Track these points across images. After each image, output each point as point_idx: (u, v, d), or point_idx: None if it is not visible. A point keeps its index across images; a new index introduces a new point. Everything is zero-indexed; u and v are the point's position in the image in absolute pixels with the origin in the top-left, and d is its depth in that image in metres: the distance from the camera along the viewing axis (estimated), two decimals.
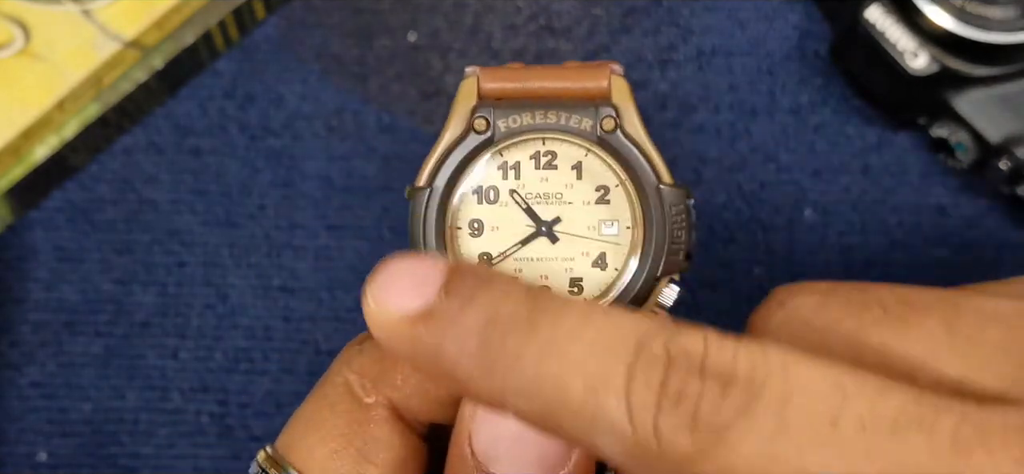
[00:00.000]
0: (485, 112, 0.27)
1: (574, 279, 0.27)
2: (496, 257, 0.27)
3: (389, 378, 0.28)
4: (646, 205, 0.27)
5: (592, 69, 0.27)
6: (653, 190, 0.27)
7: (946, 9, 0.42)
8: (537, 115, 0.27)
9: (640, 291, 0.27)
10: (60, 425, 0.43)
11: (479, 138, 0.27)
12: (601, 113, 0.26)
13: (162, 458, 0.42)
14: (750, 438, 0.20)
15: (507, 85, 0.27)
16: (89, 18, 0.45)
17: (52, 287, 0.44)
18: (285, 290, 0.44)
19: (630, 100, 0.27)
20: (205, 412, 0.43)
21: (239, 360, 0.43)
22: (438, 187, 0.27)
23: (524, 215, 0.27)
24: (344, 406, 0.28)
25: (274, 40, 0.48)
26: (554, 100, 0.27)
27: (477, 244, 0.27)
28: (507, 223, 0.27)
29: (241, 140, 0.46)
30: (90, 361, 0.43)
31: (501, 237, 0.27)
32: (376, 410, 0.28)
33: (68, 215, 0.45)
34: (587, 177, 0.27)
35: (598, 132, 0.27)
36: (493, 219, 0.27)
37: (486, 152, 0.27)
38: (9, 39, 0.45)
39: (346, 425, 0.28)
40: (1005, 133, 0.42)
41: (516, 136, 0.27)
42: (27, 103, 0.44)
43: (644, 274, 0.27)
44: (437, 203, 0.27)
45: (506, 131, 0.27)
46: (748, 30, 0.48)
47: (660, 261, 0.26)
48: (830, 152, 0.46)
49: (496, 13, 0.48)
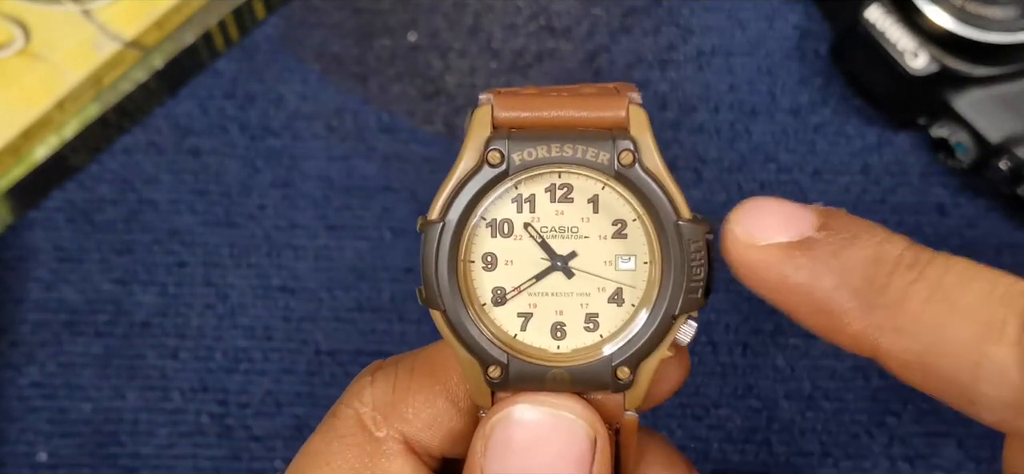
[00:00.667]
0: (499, 144, 0.26)
1: (590, 315, 0.26)
2: (510, 292, 0.27)
3: (401, 411, 0.27)
4: (664, 241, 0.26)
5: (610, 98, 0.26)
6: (672, 226, 0.26)
7: (946, 9, 0.42)
8: (553, 148, 0.26)
9: (658, 329, 0.26)
10: (60, 425, 0.43)
11: (493, 171, 0.26)
12: (619, 146, 0.25)
13: (162, 458, 0.42)
14: None
15: (522, 114, 0.26)
16: (89, 18, 0.45)
17: (52, 287, 0.44)
18: (285, 290, 0.44)
19: (648, 131, 0.26)
20: (205, 412, 0.43)
21: (239, 360, 0.43)
22: (451, 221, 0.26)
23: (539, 249, 0.26)
24: (354, 439, 0.28)
25: (274, 40, 0.48)
26: (570, 130, 0.26)
27: (490, 278, 0.27)
28: (521, 257, 0.27)
29: (241, 140, 0.46)
30: (90, 361, 0.43)
31: (515, 271, 0.27)
32: (388, 444, 0.27)
33: (68, 215, 0.45)
34: (604, 211, 0.26)
35: (616, 166, 0.26)
36: (507, 253, 0.27)
37: (501, 185, 0.26)
38: (9, 39, 0.45)
39: (356, 459, 0.27)
40: (1005, 133, 0.42)
41: (531, 169, 0.26)
42: (27, 103, 0.44)
43: (662, 312, 0.26)
44: (450, 236, 0.26)
45: (521, 164, 0.26)
46: (748, 30, 0.48)
47: (678, 299, 0.26)
48: (830, 152, 0.46)
49: (496, 13, 0.48)
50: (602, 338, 0.26)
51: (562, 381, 0.26)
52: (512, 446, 0.25)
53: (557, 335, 0.27)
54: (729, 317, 0.43)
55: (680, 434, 0.42)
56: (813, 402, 0.42)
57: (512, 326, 0.27)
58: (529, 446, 0.25)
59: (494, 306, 0.27)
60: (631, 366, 0.26)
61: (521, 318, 0.27)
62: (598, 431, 0.26)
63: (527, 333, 0.27)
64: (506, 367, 0.26)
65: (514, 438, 0.25)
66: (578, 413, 0.25)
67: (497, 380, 0.26)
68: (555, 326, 0.27)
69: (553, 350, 0.26)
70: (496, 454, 0.25)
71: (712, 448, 0.42)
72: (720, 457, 0.42)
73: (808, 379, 0.43)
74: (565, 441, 0.25)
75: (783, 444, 0.42)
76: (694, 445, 0.42)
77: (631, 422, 0.27)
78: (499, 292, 0.27)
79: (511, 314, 0.27)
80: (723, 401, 0.43)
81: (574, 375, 0.26)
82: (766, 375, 0.43)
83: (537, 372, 0.26)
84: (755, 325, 0.43)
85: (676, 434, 0.42)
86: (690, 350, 0.43)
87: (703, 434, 0.42)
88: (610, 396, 0.26)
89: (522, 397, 0.26)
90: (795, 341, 0.43)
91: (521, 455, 0.25)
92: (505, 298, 0.27)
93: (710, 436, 0.42)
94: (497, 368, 0.26)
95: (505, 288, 0.27)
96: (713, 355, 0.43)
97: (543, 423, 0.25)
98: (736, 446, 0.42)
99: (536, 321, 0.27)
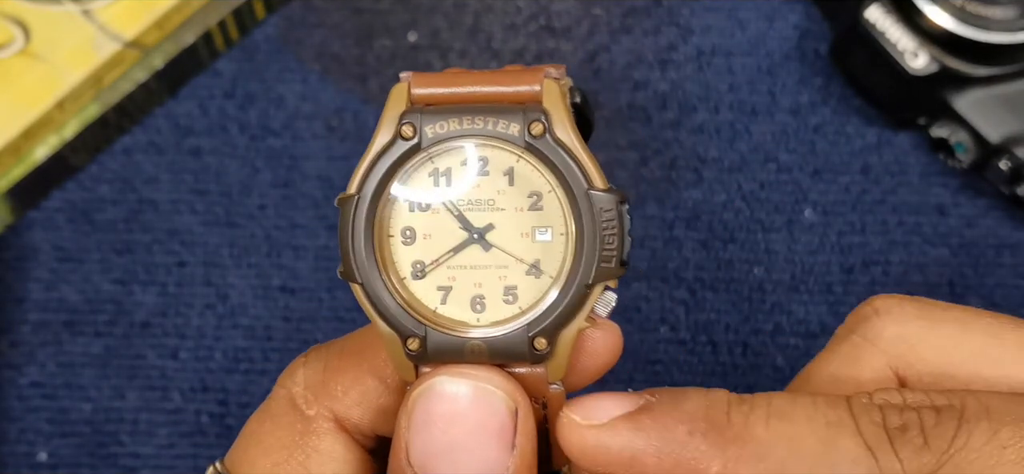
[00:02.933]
0: (412, 118, 0.26)
1: (509, 287, 0.26)
2: (429, 264, 0.27)
3: (330, 389, 0.28)
4: (577, 211, 0.26)
5: (526, 73, 0.27)
6: (583, 195, 0.26)
7: (946, 9, 0.42)
8: (465, 121, 0.26)
9: (573, 299, 0.26)
10: (60, 425, 0.43)
11: (406, 145, 0.26)
12: (529, 117, 0.26)
13: (162, 458, 0.42)
14: (975, 440, 0.24)
15: (437, 90, 0.26)
16: (89, 18, 0.45)
17: (52, 287, 0.44)
18: (285, 290, 0.44)
19: (561, 104, 0.26)
20: (205, 412, 0.43)
21: (239, 360, 0.43)
22: (366, 194, 0.26)
23: (456, 222, 0.27)
24: (286, 419, 0.28)
25: (274, 40, 0.48)
26: (484, 105, 0.26)
27: (409, 252, 0.27)
28: (439, 230, 0.27)
29: (241, 140, 0.46)
30: (90, 361, 0.43)
31: (433, 245, 0.27)
32: (318, 422, 0.28)
33: (68, 215, 0.45)
34: (519, 183, 0.26)
35: (526, 137, 0.26)
36: (425, 227, 0.27)
37: (414, 158, 0.26)
38: (9, 39, 0.45)
39: (288, 437, 0.28)
40: (1005, 133, 0.42)
41: (444, 142, 0.26)
42: (27, 103, 0.44)
43: (576, 282, 0.26)
44: (365, 210, 0.26)
45: (433, 137, 0.26)
46: (748, 30, 0.48)
47: (591, 268, 0.26)
48: (830, 152, 0.46)
49: (496, 13, 0.48)
50: (520, 310, 0.26)
51: (480, 352, 0.26)
52: (433, 419, 0.25)
53: (477, 308, 0.27)
54: (729, 317, 0.43)
55: None
56: None
57: (432, 300, 0.27)
58: (450, 418, 0.25)
59: (414, 280, 0.27)
60: (548, 336, 0.26)
61: (441, 291, 0.27)
62: (519, 402, 0.26)
63: (447, 306, 0.27)
64: (424, 339, 0.26)
65: (434, 411, 0.25)
66: (498, 384, 0.26)
67: (416, 353, 0.26)
68: (475, 299, 0.27)
69: (473, 322, 0.26)
70: (418, 428, 0.25)
71: None
72: None
73: None
74: (485, 412, 0.25)
75: None
76: None
77: (557, 395, 0.27)
78: (418, 266, 0.27)
79: (431, 288, 0.27)
80: None
81: (492, 346, 0.26)
82: (766, 375, 0.43)
83: (455, 344, 0.26)
84: (755, 325, 0.43)
85: None
86: (690, 350, 0.43)
87: None
88: (533, 370, 0.26)
89: (443, 370, 0.26)
90: (795, 341, 0.43)
91: (442, 428, 0.25)
92: (425, 272, 0.27)
93: None
94: (416, 340, 0.26)
95: (424, 262, 0.27)
96: (713, 355, 0.43)
97: (462, 395, 0.25)
98: None
99: (456, 294, 0.27)
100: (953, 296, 0.43)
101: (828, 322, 0.43)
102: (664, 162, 0.46)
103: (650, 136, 0.46)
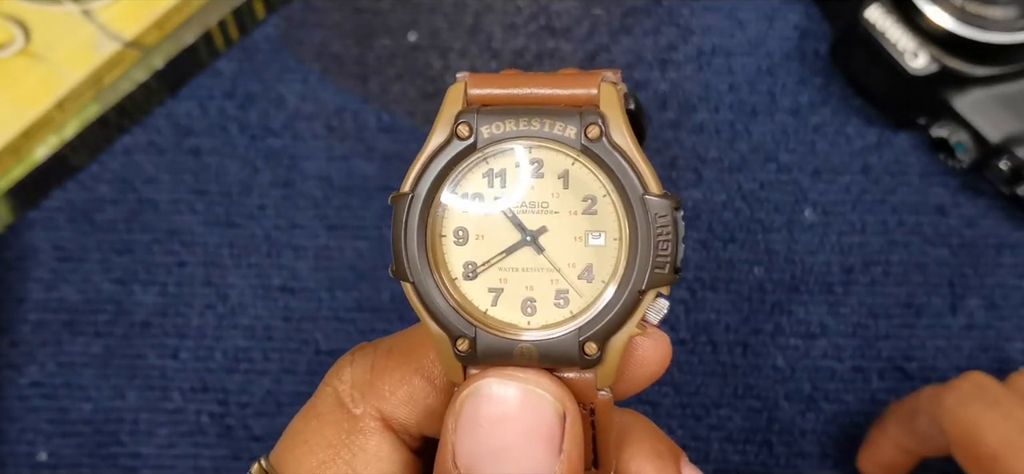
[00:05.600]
0: (468, 118, 0.26)
1: (560, 291, 0.26)
2: (481, 266, 0.26)
3: (378, 389, 0.28)
4: (631, 216, 0.26)
5: (583, 76, 0.26)
6: (638, 200, 0.25)
7: (946, 9, 0.42)
8: (521, 122, 0.26)
9: (625, 304, 0.26)
10: (60, 425, 0.43)
11: (462, 144, 0.26)
12: (586, 120, 0.25)
13: (162, 458, 0.42)
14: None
15: (494, 91, 0.26)
16: (89, 18, 0.45)
17: (52, 287, 0.44)
18: (285, 290, 0.44)
19: (618, 107, 0.26)
20: (205, 412, 0.43)
21: (239, 360, 0.43)
22: (420, 193, 0.26)
23: (509, 224, 0.26)
24: (333, 417, 0.28)
25: (274, 40, 0.48)
26: (541, 107, 0.26)
27: (461, 252, 0.26)
28: (492, 232, 0.26)
29: (241, 140, 0.46)
30: (90, 361, 0.43)
31: (486, 246, 0.26)
32: (365, 421, 0.28)
33: (68, 215, 0.45)
34: (574, 186, 0.26)
35: (582, 140, 0.25)
36: (478, 228, 0.27)
37: (469, 158, 0.26)
38: (9, 39, 0.45)
39: (334, 435, 0.28)
40: (1005, 133, 0.42)
41: (499, 142, 0.26)
42: (27, 103, 0.44)
43: (628, 288, 0.26)
44: (419, 210, 0.26)
45: (489, 137, 0.26)
46: (748, 30, 0.48)
47: (645, 274, 0.25)
48: (830, 152, 0.46)
49: (496, 13, 0.48)
50: (572, 314, 0.26)
51: (530, 356, 0.26)
52: (480, 421, 0.25)
53: (528, 310, 0.26)
54: (729, 317, 0.43)
55: (680, 434, 0.42)
56: (813, 403, 0.42)
57: (483, 301, 0.27)
58: (497, 421, 0.25)
59: (465, 280, 0.27)
60: (598, 342, 0.26)
61: (492, 293, 0.27)
62: (568, 407, 0.25)
63: (498, 308, 0.26)
64: (474, 341, 0.26)
65: (482, 413, 0.25)
66: (547, 388, 0.25)
67: (465, 354, 0.26)
68: (525, 301, 0.26)
69: (523, 325, 0.26)
70: (465, 430, 0.25)
71: (712, 448, 0.42)
72: (720, 457, 0.42)
73: (808, 379, 0.43)
74: (534, 416, 0.25)
75: (783, 444, 0.42)
76: (694, 445, 0.42)
77: (605, 402, 0.27)
78: (470, 266, 0.27)
79: (482, 289, 0.27)
80: (723, 401, 0.43)
81: (541, 350, 0.26)
82: (766, 375, 0.43)
83: (505, 346, 0.26)
84: (755, 325, 0.43)
85: (676, 434, 0.42)
86: (690, 350, 0.43)
87: (703, 434, 0.42)
88: (582, 375, 0.26)
89: (491, 372, 0.26)
90: (795, 341, 0.43)
91: (489, 430, 0.25)
92: (476, 273, 0.27)
93: (710, 436, 0.42)
94: (465, 341, 0.26)
95: (476, 263, 0.27)
96: (713, 355, 0.43)
97: (511, 398, 0.25)
98: (736, 446, 0.42)
99: (507, 296, 0.27)
100: (953, 296, 0.44)
101: (828, 322, 0.43)
102: (664, 162, 0.46)
103: (650, 136, 0.46)
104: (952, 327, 0.43)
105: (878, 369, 0.43)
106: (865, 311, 0.43)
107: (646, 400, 0.42)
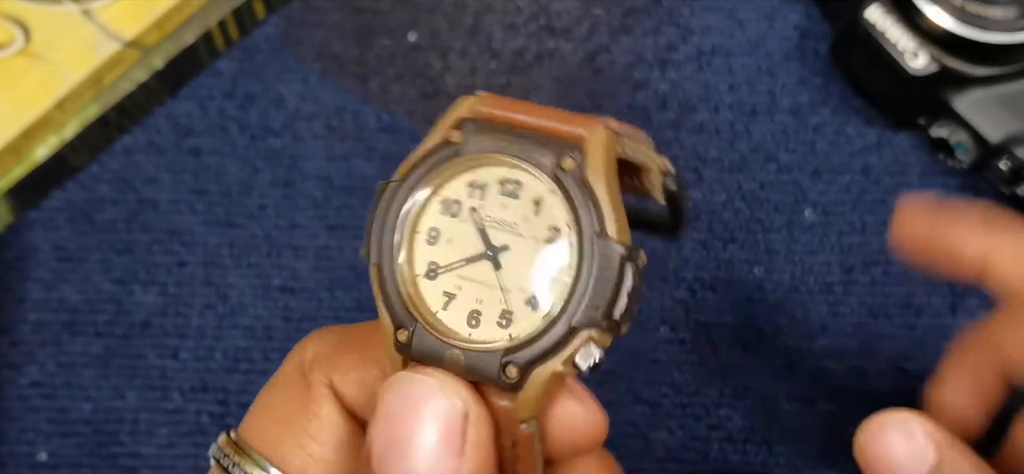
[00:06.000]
0: (465, 126, 0.27)
1: (505, 312, 0.27)
2: (442, 268, 0.27)
3: (334, 361, 0.29)
4: (582, 253, 0.26)
5: (582, 116, 0.27)
6: (590, 239, 0.26)
7: (946, 9, 0.42)
8: (506, 140, 0.27)
9: (553, 337, 0.26)
10: (60, 425, 0.43)
11: (450, 149, 0.27)
12: (564, 151, 0.26)
13: (162, 458, 0.42)
14: None
15: (495, 110, 0.27)
16: (89, 18, 0.45)
17: (52, 287, 0.44)
18: (285, 290, 0.44)
19: (603, 151, 0.26)
20: (205, 412, 0.43)
21: (239, 360, 0.43)
22: (405, 186, 0.27)
23: (478, 236, 0.27)
24: (294, 389, 0.29)
25: (274, 40, 0.48)
26: (530, 131, 0.27)
27: (430, 251, 0.27)
28: (461, 239, 0.27)
29: (241, 140, 0.46)
30: (90, 361, 0.43)
31: (452, 250, 0.27)
32: (318, 388, 0.29)
33: (68, 215, 0.45)
34: (544, 214, 0.27)
35: (554, 170, 0.26)
36: (449, 232, 0.27)
37: (455, 163, 0.27)
38: (9, 39, 0.45)
39: (292, 403, 0.29)
40: (1005, 133, 0.42)
41: (480, 152, 0.27)
42: (27, 103, 0.44)
43: (561, 322, 0.26)
44: (402, 200, 0.27)
45: (475, 147, 0.27)
46: (748, 30, 0.48)
47: (577, 312, 0.26)
48: (830, 152, 0.46)
49: (496, 13, 0.48)
50: (509, 338, 0.26)
51: (457, 364, 0.26)
52: (391, 412, 0.26)
53: (472, 323, 0.27)
54: (729, 317, 0.43)
55: (680, 434, 0.42)
56: (813, 403, 0.42)
57: (436, 302, 0.27)
58: (404, 412, 0.26)
59: (425, 278, 0.27)
60: (520, 368, 0.26)
61: (446, 297, 0.27)
62: (471, 409, 0.26)
63: (447, 313, 0.27)
64: (412, 335, 0.26)
65: (393, 404, 0.26)
66: (454, 389, 0.26)
67: (403, 345, 0.27)
68: (472, 313, 0.27)
69: (463, 335, 0.27)
70: (379, 419, 0.26)
71: (712, 448, 0.42)
72: (720, 457, 0.42)
73: (808, 379, 0.43)
74: (437, 411, 0.26)
75: (783, 444, 0.42)
76: (694, 445, 0.42)
77: (527, 437, 0.27)
78: (433, 266, 0.27)
79: (437, 291, 0.27)
80: (723, 401, 0.43)
81: (468, 362, 0.26)
82: (766, 375, 0.43)
83: (437, 349, 0.26)
84: (755, 325, 0.43)
85: (676, 434, 0.42)
86: (690, 350, 0.43)
87: (703, 434, 0.42)
88: (501, 402, 0.26)
89: (411, 367, 0.27)
90: (795, 341, 0.43)
91: (394, 421, 0.26)
92: (437, 274, 0.27)
93: (710, 436, 0.42)
94: (405, 333, 0.27)
95: (439, 264, 0.27)
96: (713, 355, 0.43)
97: (419, 392, 0.26)
98: (736, 446, 0.42)
99: (457, 304, 0.27)
100: (953, 295, 0.43)
101: (828, 322, 0.43)
102: None
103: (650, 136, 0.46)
104: (952, 327, 0.43)
105: (878, 369, 0.43)
106: (865, 311, 0.43)
107: (646, 400, 0.42)
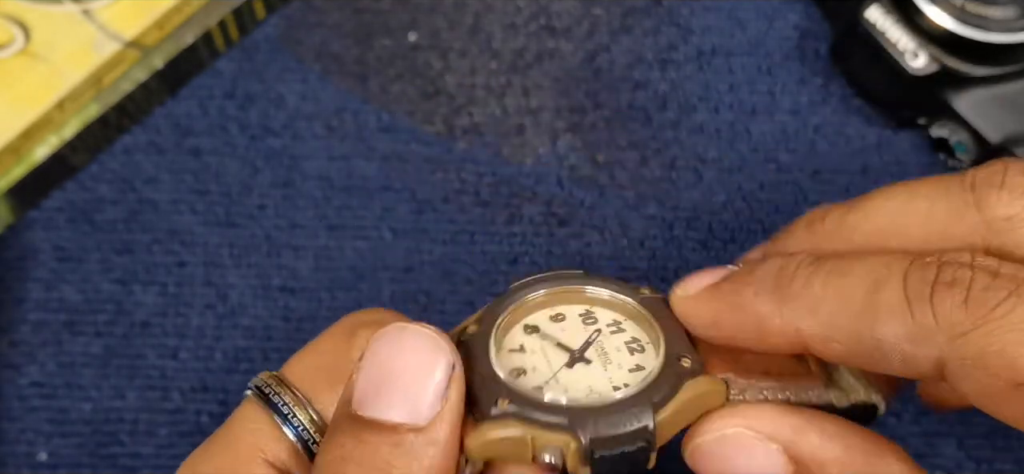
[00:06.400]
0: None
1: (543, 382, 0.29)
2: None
3: (378, 320, 0.30)
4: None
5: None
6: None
7: (946, 9, 0.42)
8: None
9: (541, 410, 0.27)
10: (60, 425, 0.43)
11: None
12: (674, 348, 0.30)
13: (162, 458, 0.42)
14: (1018, 315, 0.23)
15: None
16: (89, 18, 0.45)
17: (52, 287, 0.44)
18: (285, 290, 0.44)
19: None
20: (205, 412, 0.43)
21: (239, 360, 0.43)
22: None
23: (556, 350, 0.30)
24: (339, 342, 0.31)
25: (274, 40, 0.48)
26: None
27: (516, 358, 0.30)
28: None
29: (241, 140, 0.46)
30: (90, 361, 0.43)
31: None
32: (362, 341, 0.30)
33: (68, 215, 0.45)
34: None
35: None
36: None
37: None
38: (9, 39, 0.45)
39: (338, 354, 0.31)
40: (1005, 133, 0.42)
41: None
42: (27, 103, 0.44)
43: (563, 408, 0.28)
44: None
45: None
46: (748, 30, 0.48)
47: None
48: (830, 152, 0.46)
49: (496, 13, 0.48)
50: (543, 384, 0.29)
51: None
52: (378, 354, 0.28)
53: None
54: None
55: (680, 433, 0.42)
56: None
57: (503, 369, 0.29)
58: (392, 351, 0.27)
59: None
60: (487, 404, 0.27)
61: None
62: (457, 362, 0.28)
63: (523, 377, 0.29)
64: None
65: (381, 350, 0.28)
66: (442, 339, 0.28)
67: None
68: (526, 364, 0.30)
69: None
70: (364, 363, 0.28)
71: None
72: None
73: None
74: (426, 354, 0.27)
75: None
76: None
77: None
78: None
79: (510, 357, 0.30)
80: None
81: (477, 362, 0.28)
82: None
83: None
84: None
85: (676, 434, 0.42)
86: None
87: None
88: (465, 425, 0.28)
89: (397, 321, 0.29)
90: None
91: (382, 362, 0.27)
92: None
93: None
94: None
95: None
96: None
97: (408, 336, 0.28)
98: None
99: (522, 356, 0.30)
100: None
101: None
102: (664, 162, 0.46)
103: (650, 136, 0.46)
104: None
105: None
106: None
107: None
